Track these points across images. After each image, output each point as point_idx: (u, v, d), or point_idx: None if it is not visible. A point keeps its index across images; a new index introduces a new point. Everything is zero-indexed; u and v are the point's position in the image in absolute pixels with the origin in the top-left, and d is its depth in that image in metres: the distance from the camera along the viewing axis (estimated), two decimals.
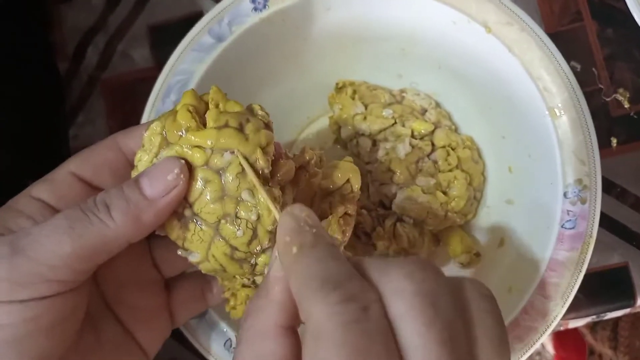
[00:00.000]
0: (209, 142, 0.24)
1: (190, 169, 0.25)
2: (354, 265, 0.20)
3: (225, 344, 0.33)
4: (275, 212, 0.24)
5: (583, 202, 0.31)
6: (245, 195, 0.24)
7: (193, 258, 0.26)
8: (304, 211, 0.21)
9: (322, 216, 0.29)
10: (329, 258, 0.20)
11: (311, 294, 0.19)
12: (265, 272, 0.27)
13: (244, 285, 0.31)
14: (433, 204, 0.36)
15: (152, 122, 0.26)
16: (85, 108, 0.47)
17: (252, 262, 0.26)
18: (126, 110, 0.47)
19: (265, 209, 0.25)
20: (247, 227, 0.25)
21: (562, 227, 0.32)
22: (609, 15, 0.42)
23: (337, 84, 0.40)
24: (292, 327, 0.21)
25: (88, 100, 0.47)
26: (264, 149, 0.25)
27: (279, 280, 0.21)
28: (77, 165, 0.27)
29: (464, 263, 0.36)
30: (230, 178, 0.24)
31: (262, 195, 0.24)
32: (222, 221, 0.25)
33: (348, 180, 0.31)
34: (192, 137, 0.24)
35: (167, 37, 0.45)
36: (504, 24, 0.32)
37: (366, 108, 0.38)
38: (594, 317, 0.42)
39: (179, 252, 0.26)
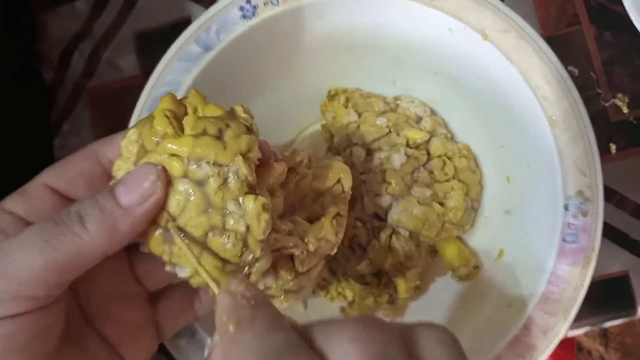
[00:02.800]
0: (185, 151, 0.23)
1: (169, 177, 0.23)
2: (300, 334, 0.19)
3: None
4: (214, 289, 0.23)
5: (584, 215, 0.31)
6: (231, 206, 0.23)
7: (182, 273, 0.25)
8: (241, 284, 0.20)
9: (314, 218, 0.29)
10: (270, 330, 0.19)
11: None
12: (260, 281, 0.26)
13: None
14: (429, 215, 0.35)
15: (129, 129, 0.25)
16: (71, 117, 0.46)
17: (245, 272, 0.25)
18: (113, 119, 0.45)
19: (254, 219, 0.24)
20: (236, 238, 0.24)
21: (563, 240, 0.31)
22: (607, 18, 0.41)
23: (329, 91, 0.39)
24: None
25: (74, 110, 0.46)
26: (245, 155, 0.24)
27: None
28: (51, 177, 0.26)
29: (462, 276, 0.35)
30: (213, 190, 0.23)
31: (199, 268, 0.23)
32: (210, 234, 0.24)
33: (339, 181, 0.30)
34: (169, 145, 0.23)
35: (154, 43, 0.44)
36: (501, 31, 0.31)
37: (360, 116, 0.37)
38: (593, 326, 0.41)
39: (167, 268, 0.25)
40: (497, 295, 0.33)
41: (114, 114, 0.45)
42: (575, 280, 0.31)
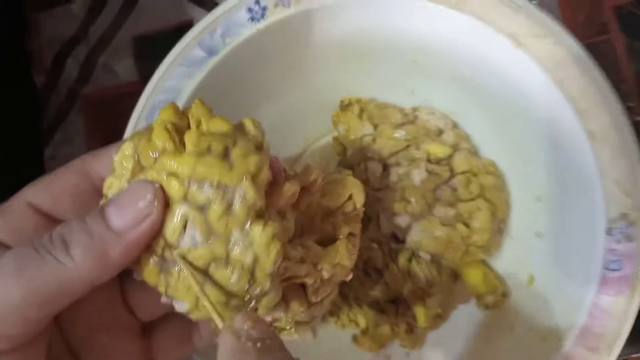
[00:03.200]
0: (185, 171, 0.20)
1: (167, 198, 0.21)
2: None
3: None
4: (217, 321, 0.20)
5: (630, 240, 0.27)
6: (236, 234, 0.20)
7: (181, 307, 0.22)
8: (247, 321, 0.17)
9: (325, 239, 0.26)
10: None
11: None
12: (268, 314, 0.23)
13: None
14: (453, 237, 0.32)
15: (124, 141, 0.22)
16: (63, 126, 0.43)
17: (251, 306, 0.22)
18: (108, 128, 0.42)
19: (263, 249, 0.21)
20: (242, 270, 0.21)
21: (605, 268, 0.28)
22: (639, 27, 0.38)
23: (342, 101, 0.36)
24: None
25: (67, 117, 0.43)
26: (253, 178, 0.21)
27: None
28: (34, 194, 0.23)
29: (488, 304, 0.32)
30: (216, 216, 0.20)
31: (203, 299, 0.20)
32: (212, 265, 0.21)
33: (350, 197, 0.27)
34: (168, 162, 0.20)
35: (154, 48, 0.41)
36: (535, 36, 0.28)
37: (375, 129, 0.34)
38: (628, 356, 0.38)
39: (163, 299, 0.22)
40: (529, 326, 0.30)
41: (109, 123, 0.42)
42: (620, 312, 0.28)
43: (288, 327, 0.25)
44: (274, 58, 0.32)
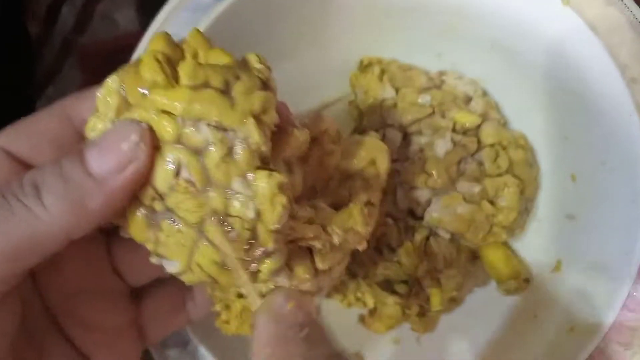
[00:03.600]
0: (178, 107, 0.18)
1: (157, 142, 0.18)
2: None
3: None
4: (254, 303, 0.17)
5: None
6: (237, 185, 0.18)
7: (171, 268, 0.20)
8: (289, 302, 0.15)
9: (340, 205, 0.23)
10: None
11: None
12: (269, 280, 0.20)
13: (239, 296, 0.25)
14: (477, 215, 0.29)
15: (107, 78, 0.19)
16: (58, 78, 0.40)
17: (252, 269, 0.19)
18: None
19: (267, 202, 0.18)
20: (243, 227, 0.18)
21: None
22: None
23: (361, 61, 0.33)
24: None
25: (61, 70, 0.40)
26: (258, 118, 0.18)
27: None
28: (10, 140, 0.21)
29: (510, 290, 0.30)
30: (214, 162, 0.18)
31: (244, 281, 0.18)
32: (208, 220, 0.18)
33: (372, 162, 0.25)
34: (158, 98, 0.18)
35: None
36: None
37: (397, 92, 0.31)
38: None
39: (152, 260, 0.20)
40: (555, 316, 0.28)
41: (107, 76, 0.39)
42: None
43: None
44: (290, 8, 0.29)
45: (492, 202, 0.29)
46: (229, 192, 0.18)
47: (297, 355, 0.14)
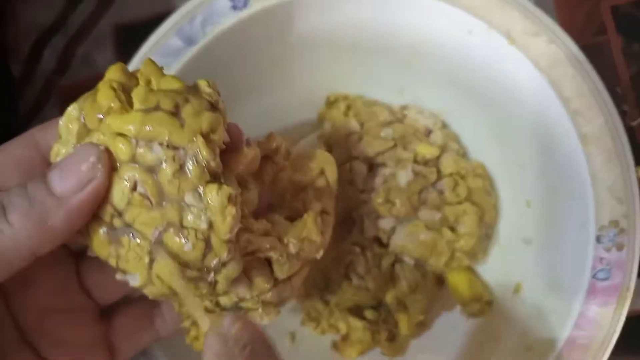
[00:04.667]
0: (132, 129, 0.19)
1: (115, 162, 0.19)
2: None
3: None
4: (201, 321, 0.19)
5: (619, 248, 0.26)
6: (189, 198, 0.19)
7: (133, 281, 0.21)
8: (236, 323, 0.16)
9: (296, 217, 0.25)
10: None
11: None
12: (230, 290, 0.22)
13: (207, 311, 0.26)
14: (438, 242, 0.30)
15: (68, 107, 0.21)
16: (39, 117, 0.41)
17: (209, 279, 0.21)
18: None
19: (218, 213, 0.19)
20: (196, 238, 0.19)
21: (593, 277, 0.27)
22: (637, 29, 0.37)
23: (328, 97, 0.34)
24: None
25: (43, 109, 0.42)
26: (207, 136, 0.19)
27: None
28: None
29: (473, 312, 0.31)
30: (167, 178, 0.19)
31: (188, 300, 0.19)
32: (164, 233, 0.19)
33: (322, 172, 0.26)
34: (113, 122, 0.19)
35: (135, 38, 0.39)
36: (530, 34, 0.27)
37: (362, 127, 0.33)
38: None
39: (117, 276, 0.21)
40: (514, 336, 0.29)
41: None
42: (607, 323, 0.26)
43: (256, 309, 0.24)
44: (257, 50, 0.31)
45: (452, 229, 0.31)
46: (183, 205, 0.19)
47: None
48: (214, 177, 0.20)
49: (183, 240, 0.19)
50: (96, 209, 0.20)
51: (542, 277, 0.29)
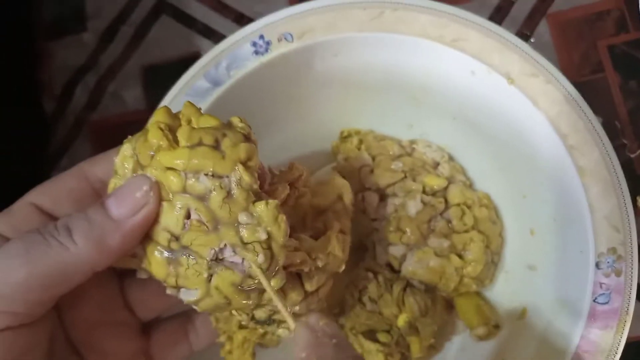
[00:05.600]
0: (180, 164, 0.21)
1: (166, 193, 0.22)
2: None
3: None
4: (289, 320, 0.21)
5: (618, 274, 0.28)
6: (243, 218, 0.22)
7: (190, 296, 0.23)
8: (321, 319, 0.19)
9: (318, 236, 0.27)
10: None
11: None
12: (269, 304, 0.24)
13: (240, 327, 0.29)
14: (447, 268, 0.32)
15: (122, 145, 0.23)
16: (70, 151, 0.44)
17: (260, 288, 0.23)
18: None
19: (273, 223, 0.22)
20: (262, 248, 0.22)
21: (594, 301, 0.28)
22: (632, 66, 0.39)
23: (341, 132, 0.37)
24: None
25: (74, 143, 0.44)
26: (245, 164, 0.22)
27: None
28: (36, 196, 0.25)
29: (481, 335, 0.32)
30: (218, 205, 0.22)
31: (274, 299, 0.21)
32: (227, 252, 0.22)
33: (340, 197, 0.29)
34: (164, 158, 0.22)
35: (161, 78, 0.42)
36: (528, 75, 0.29)
37: (373, 160, 0.35)
38: None
39: (168, 291, 0.23)
40: (521, 358, 0.31)
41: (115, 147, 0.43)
42: (608, 346, 0.28)
43: (285, 320, 0.26)
44: (276, 90, 0.33)
45: (460, 256, 0.33)
46: (237, 225, 0.22)
47: (329, 356, 0.18)
48: (257, 197, 0.22)
49: (254, 254, 0.22)
50: (149, 233, 0.22)
51: (546, 301, 0.31)
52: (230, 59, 0.31)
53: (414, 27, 0.31)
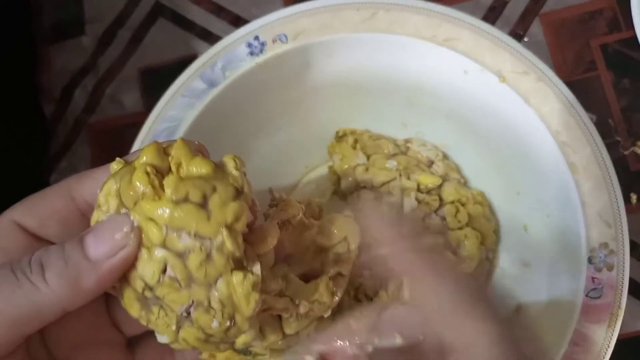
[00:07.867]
0: (162, 217, 0.20)
1: (146, 240, 0.21)
2: None
3: None
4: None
5: (610, 268, 0.28)
6: (216, 283, 0.21)
7: (161, 339, 0.23)
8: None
9: (311, 275, 0.26)
10: None
11: None
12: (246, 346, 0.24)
13: (219, 350, 0.28)
14: None
15: (107, 180, 0.22)
16: (69, 153, 0.45)
17: (230, 342, 0.23)
18: (112, 156, 0.44)
19: (243, 298, 0.21)
20: (222, 317, 0.21)
21: (587, 296, 0.29)
22: (625, 65, 0.40)
23: (337, 132, 0.37)
24: None
25: (73, 145, 0.45)
26: (231, 227, 0.21)
27: None
28: (21, 214, 0.23)
29: None
30: (195, 265, 0.21)
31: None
32: (192, 309, 0.22)
33: (345, 239, 0.27)
34: (146, 207, 0.21)
35: (159, 81, 0.43)
36: (520, 73, 0.30)
37: (368, 159, 0.35)
38: None
39: (146, 325, 0.23)
40: None
41: (114, 151, 0.43)
42: (601, 340, 0.28)
43: (264, 354, 0.26)
44: (272, 91, 0.34)
45: (454, 252, 0.33)
46: (210, 288, 0.21)
47: None
48: (238, 264, 0.21)
49: (211, 318, 0.21)
50: (126, 275, 0.21)
51: (540, 297, 0.31)
52: (225, 60, 0.32)
53: (407, 28, 0.31)
